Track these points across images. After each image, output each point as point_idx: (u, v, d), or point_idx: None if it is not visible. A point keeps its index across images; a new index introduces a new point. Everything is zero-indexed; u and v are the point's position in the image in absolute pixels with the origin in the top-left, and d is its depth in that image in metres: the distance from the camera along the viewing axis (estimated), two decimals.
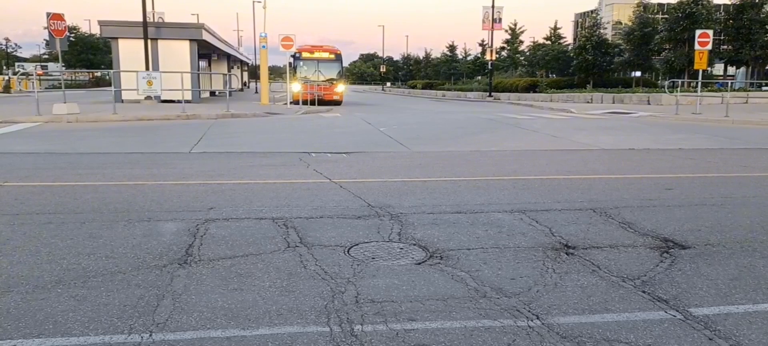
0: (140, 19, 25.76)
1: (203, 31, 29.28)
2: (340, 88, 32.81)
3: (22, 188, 7.27)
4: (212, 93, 38.54)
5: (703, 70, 23.88)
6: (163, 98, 24.74)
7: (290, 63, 36.79)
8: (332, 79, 32.18)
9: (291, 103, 28.49)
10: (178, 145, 11.96)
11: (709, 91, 31.25)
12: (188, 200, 6.58)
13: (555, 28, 62.80)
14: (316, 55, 32.42)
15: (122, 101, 24.91)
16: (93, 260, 4.44)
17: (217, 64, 47.19)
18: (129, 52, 26.69)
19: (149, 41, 25.96)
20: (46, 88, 51.41)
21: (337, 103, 31.84)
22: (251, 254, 4.62)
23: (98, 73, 65.07)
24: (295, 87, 29.44)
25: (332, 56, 32.74)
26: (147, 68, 24.60)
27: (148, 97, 24.67)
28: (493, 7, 41.27)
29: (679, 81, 35.63)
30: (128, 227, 5.40)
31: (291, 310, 3.55)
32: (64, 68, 43.86)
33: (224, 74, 35.44)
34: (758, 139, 14.23)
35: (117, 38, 27.28)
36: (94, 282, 3.98)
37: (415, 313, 3.53)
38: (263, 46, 30.32)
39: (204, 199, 6.65)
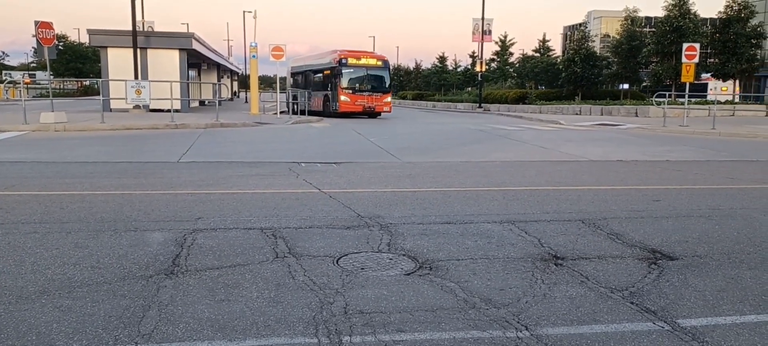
0: (129, 28, 25.68)
1: (193, 41, 29.23)
2: (389, 99, 30.63)
3: (7, 197, 7.19)
4: (201, 102, 38.43)
5: (691, 83, 24.11)
6: (151, 107, 24.63)
7: (289, 72, 35.87)
8: (383, 89, 29.99)
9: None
10: (167, 155, 11.89)
11: (697, 103, 31.53)
12: (176, 210, 6.53)
13: (544, 41, 63.21)
14: (364, 61, 29.63)
15: (111, 110, 24.76)
16: (78, 270, 4.39)
17: (206, 74, 47.09)
18: (118, 61, 26.59)
19: (138, 50, 25.88)
20: (33, 97, 51.10)
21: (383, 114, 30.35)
22: (239, 264, 4.59)
23: (87, 82, 64.72)
24: (342, 97, 28.18)
25: (380, 63, 30.11)
26: (136, 77, 24.52)
27: (137, 107, 24.56)
28: (483, 19, 41.51)
29: (667, 94, 35.96)
30: (115, 236, 5.35)
31: (279, 321, 3.52)
32: (52, 77, 43.59)
33: (214, 84, 35.40)
34: (744, 152, 14.37)
35: (106, 47, 27.17)
36: (79, 292, 3.93)
37: (404, 324, 3.51)
38: (253, 56, 30.31)
39: (192, 209, 6.60)
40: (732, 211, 7.00)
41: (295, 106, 32.13)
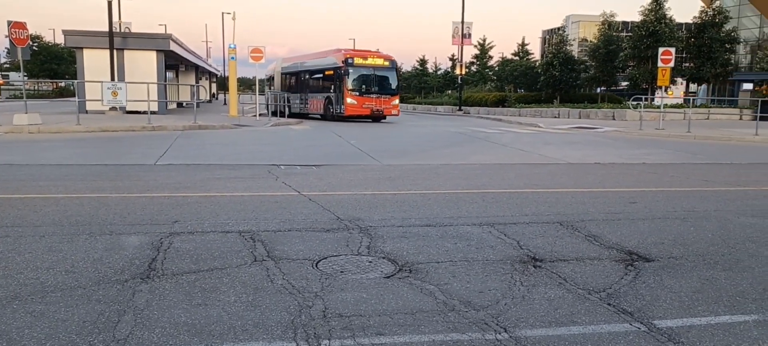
0: (106, 29, 25.36)
1: (170, 42, 28.93)
2: (397, 101, 28.88)
3: None
4: (179, 104, 38.06)
5: (666, 87, 24.47)
6: (128, 109, 24.32)
7: (279, 73, 34.44)
8: (390, 91, 28.23)
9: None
10: (143, 157, 11.74)
11: (672, 107, 32.00)
12: (152, 213, 6.45)
13: (523, 44, 63.73)
14: (371, 61, 27.73)
15: (86, 112, 24.38)
16: (52, 274, 4.31)
17: (184, 76, 46.66)
18: (94, 62, 26.20)
19: (115, 51, 25.55)
20: (6, 98, 50.19)
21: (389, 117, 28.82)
22: (216, 268, 4.54)
23: (62, 84, 63.70)
24: (348, 100, 26.57)
25: (388, 63, 28.19)
26: (112, 79, 24.19)
27: (113, 108, 24.24)
28: (462, 22, 41.71)
29: (643, 97, 36.45)
30: (89, 240, 5.26)
31: (257, 325, 3.48)
32: (26, 78, 42.87)
33: (192, 85, 35.04)
34: (719, 155, 14.61)
35: (82, 48, 26.77)
36: (53, 297, 3.85)
37: (384, 327, 3.50)
38: (232, 58, 30.07)
39: (168, 212, 6.52)
40: (707, 213, 7.10)
41: (287, 110, 30.86)
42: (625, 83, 47.86)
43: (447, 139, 17.94)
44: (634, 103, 26.65)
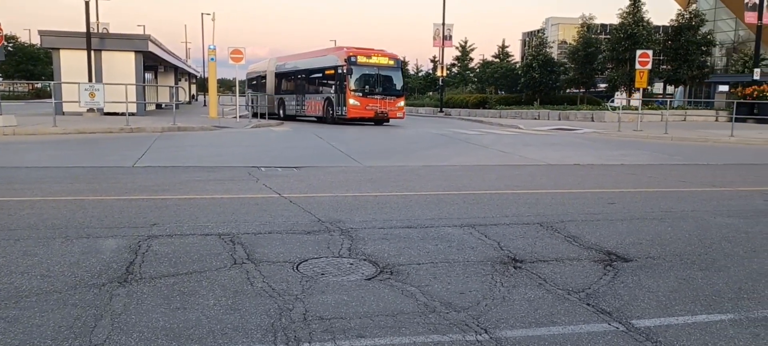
0: (83, 29, 25.02)
1: (149, 43, 28.64)
2: (403, 103, 27.38)
3: None
4: (158, 106, 37.70)
5: (644, 89, 24.78)
6: (106, 111, 24.04)
7: (272, 73, 32.77)
8: (395, 92, 26.74)
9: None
10: (121, 159, 11.60)
11: (650, 108, 32.41)
12: (130, 216, 6.37)
13: (503, 47, 64.17)
14: (375, 60, 26.02)
15: (63, 114, 24.08)
16: (27, 279, 4.23)
17: (163, 77, 46.19)
18: (71, 63, 25.84)
19: (92, 52, 25.22)
20: None
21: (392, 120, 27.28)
22: (195, 271, 4.49)
23: (38, 85, 62.74)
24: (351, 101, 25.06)
25: (393, 62, 26.66)
26: (90, 80, 23.86)
27: (91, 110, 23.93)
28: (443, 24, 41.86)
29: (622, 98, 36.89)
30: (66, 244, 5.18)
31: (236, 329, 3.45)
32: (0, 79, 42.13)
33: (171, 87, 34.81)
34: (695, 155, 14.83)
35: (58, 49, 26.38)
36: (27, 302, 3.78)
37: (364, 329, 3.48)
38: (212, 59, 29.81)
39: (147, 214, 6.45)
40: (684, 213, 7.20)
41: (282, 112, 30.01)
42: (603, 85, 48.40)
43: (428, 141, 17.97)
44: (612, 105, 26.95)
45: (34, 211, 6.55)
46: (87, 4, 24.83)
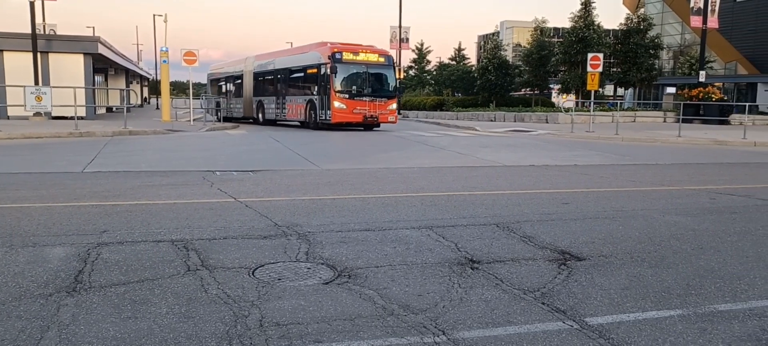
0: (28, 30, 24.19)
1: (99, 45, 27.91)
2: (395, 105, 24.75)
3: None
4: (109, 109, 36.75)
5: (595, 91, 25.40)
6: (54, 115, 23.25)
7: (250, 73, 29.22)
8: (386, 93, 24.07)
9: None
10: (70, 165, 11.23)
11: (601, 110, 33.26)
12: (79, 223, 6.16)
13: (459, 49, 64.99)
14: (363, 57, 23.33)
15: (8, 118, 23.25)
16: None
17: (114, 79, 45.11)
18: (16, 65, 24.97)
19: (39, 54, 24.40)
20: None
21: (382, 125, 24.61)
22: (147, 279, 4.37)
23: None
24: (336, 104, 22.50)
25: (383, 60, 23.95)
26: (36, 83, 23.08)
27: (38, 114, 23.09)
28: (400, 27, 42.03)
29: (574, 101, 37.76)
30: (10, 253, 4.97)
31: (190, 337, 3.37)
32: None
33: (122, 89, 33.95)
34: (645, 156, 15.26)
35: (2, 50, 25.46)
36: None
37: (322, 334, 3.45)
38: (164, 61, 29.23)
39: (96, 221, 6.25)
40: (634, 212, 7.39)
41: (261, 116, 27.81)
42: (557, 86, 49.52)
43: (386, 143, 18.00)
44: (566, 106, 27.54)
45: None
46: (32, 5, 23.98)
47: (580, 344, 3.41)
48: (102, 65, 36.27)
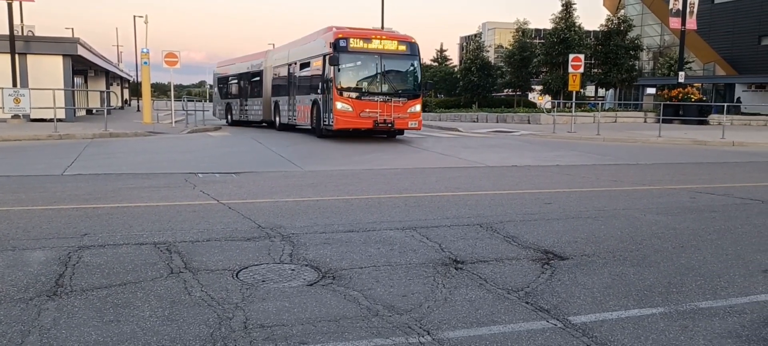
0: (6, 32, 23.83)
1: (78, 46, 27.56)
2: (419, 106, 18.92)
3: None
4: (89, 111, 36.24)
5: (577, 92, 25.61)
6: (33, 117, 22.94)
7: (268, 69, 24.70)
8: (408, 91, 18.65)
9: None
10: (50, 167, 11.08)
11: (583, 111, 33.57)
12: (59, 226, 6.08)
13: (442, 51, 65.12)
14: (375, 44, 17.99)
15: None
16: None
17: (94, 81, 44.57)
18: None
19: (17, 56, 24.05)
20: None
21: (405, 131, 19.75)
22: (130, 282, 4.33)
23: None
24: (339, 106, 17.53)
25: (404, 47, 18.42)
26: (14, 85, 22.75)
27: (16, 116, 22.77)
28: (383, 28, 42.05)
29: (556, 101, 38.07)
30: None
31: (173, 340, 3.34)
32: None
33: (102, 91, 33.53)
34: (626, 156, 15.42)
35: None
36: None
37: (307, 336, 3.44)
38: (145, 63, 28.85)
39: (77, 224, 6.18)
40: (616, 212, 7.47)
41: (277, 120, 23.23)
42: (539, 87, 49.87)
43: (369, 145, 17.98)
44: (546, 107, 27.75)
45: None
46: (9, 5, 23.62)
47: (563, 342, 3.44)
48: (81, 67, 35.85)
